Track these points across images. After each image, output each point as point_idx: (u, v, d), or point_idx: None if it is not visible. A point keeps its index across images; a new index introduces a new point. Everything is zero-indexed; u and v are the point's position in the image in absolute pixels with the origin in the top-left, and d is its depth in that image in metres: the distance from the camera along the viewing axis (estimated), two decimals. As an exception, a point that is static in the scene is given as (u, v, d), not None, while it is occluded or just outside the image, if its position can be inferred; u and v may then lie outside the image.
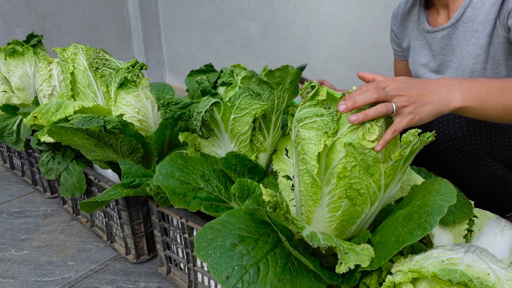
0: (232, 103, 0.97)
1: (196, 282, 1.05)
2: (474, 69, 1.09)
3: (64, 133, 1.09)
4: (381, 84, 0.71)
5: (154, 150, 1.21)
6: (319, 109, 0.70)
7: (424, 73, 1.24)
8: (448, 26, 1.12)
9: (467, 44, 1.09)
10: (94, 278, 1.16)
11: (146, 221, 1.20)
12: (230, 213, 0.74)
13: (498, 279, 0.54)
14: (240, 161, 1.00)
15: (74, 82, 1.35)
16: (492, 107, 0.76)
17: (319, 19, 2.38)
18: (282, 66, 0.93)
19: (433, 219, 0.61)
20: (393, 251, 0.62)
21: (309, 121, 0.71)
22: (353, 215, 0.73)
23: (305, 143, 0.71)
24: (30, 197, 1.67)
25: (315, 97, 0.71)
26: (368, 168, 0.66)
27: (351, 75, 2.34)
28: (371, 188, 0.69)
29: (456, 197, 0.65)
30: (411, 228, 0.63)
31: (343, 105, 0.66)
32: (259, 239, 0.68)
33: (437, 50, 1.18)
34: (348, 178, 0.67)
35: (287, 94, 1.00)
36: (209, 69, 1.29)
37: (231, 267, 0.62)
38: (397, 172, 0.70)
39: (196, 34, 3.18)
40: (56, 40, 2.90)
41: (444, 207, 0.63)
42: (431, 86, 0.74)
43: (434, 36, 1.17)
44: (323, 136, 0.68)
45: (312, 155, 0.69)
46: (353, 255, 0.65)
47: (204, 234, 0.67)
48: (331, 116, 0.68)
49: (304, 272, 0.66)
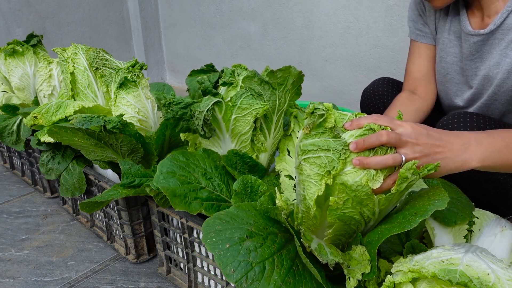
0: (233, 103, 0.97)
1: (196, 282, 1.05)
2: (504, 84, 1.01)
3: (64, 133, 1.09)
4: (395, 122, 0.67)
5: (154, 150, 1.21)
6: (326, 140, 0.65)
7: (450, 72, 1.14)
8: (485, 33, 1.02)
9: (501, 54, 1.00)
10: (94, 278, 1.16)
11: (146, 221, 1.20)
12: (239, 206, 0.74)
13: (498, 279, 0.54)
14: (241, 159, 1.00)
15: (74, 82, 1.35)
16: (510, 163, 0.73)
17: (319, 19, 2.38)
18: (284, 66, 0.93)
19: (414, 220, 0.62)
20: (375, 246, 0.63)
21: (312, 155, 0.66)
22: (348, 231, 0.72)
23: (306, 179, 0.68)
24: (30, 197, 1.67)
25: (322, 124, 0.66)
26: (362, 202, 0.65)
27: (351, 75, 2.35)
28: (366, 214, 0.68)
29: (447, 204, 0.65)
30: (392, 226, 0.64)
31: (353, 144, 0.63)
32: (267, 238, 0.68)
33: (466, 54, 1.08)
34: (341, 209, 0.66)
35: (289, 95, 1.00)
36: (210, 69, 1.29)
37: (238, 261, 0.61)
38: (392, 201, 0.68)
39: (196, 34, 3.18)
40: (56, 40, 2.89)
41: (430, 211, 0.63)
42: (448, 140, 0.69)
43: (467, 39, 1.07)
44: (325, 176, 0.64)
45: (311, 195, 0.67)
46: (355, 264, 0.65)
47: (212, 223, 0.67)
48: (337, 153, 0.64)
49: (307, 278, 0.66)
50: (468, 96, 1.14)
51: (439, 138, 0.69)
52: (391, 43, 2.12)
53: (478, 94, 1.11)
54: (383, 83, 1.33)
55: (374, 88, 1.33)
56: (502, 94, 1.04)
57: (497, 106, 1.08)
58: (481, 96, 1.10)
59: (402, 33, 2.07)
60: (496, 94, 1.06)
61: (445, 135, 0.70)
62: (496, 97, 1.06)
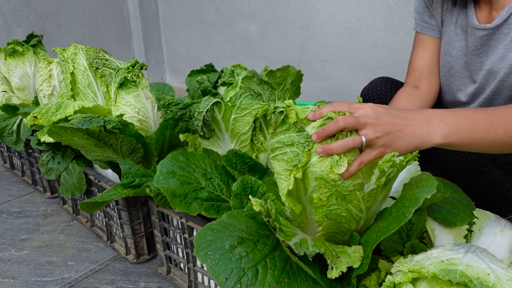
0: (233, 103, 0.97)
1: (196, 282, 1.05)
2: (507, 78, 1.00)
3: (64, 133, 1.09)
4: (354, 106, 0.67)
5: (154, 150, 1.21)
6: (290, 135, 0.67)
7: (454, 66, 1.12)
8: (491, 28, 1.00)
9: (505, 48, 0.98)
10: (94, 278, 1.16)
11: (146, 221, 1.20)
12: (231, 214, 0.74)
13: (498, 279, 0.54)
14: (241, 159, 1.00)
15: (74, 82, 1.35)
16: (478, 142, 0.71)
17: (319, 19, 2.38)
18: (283, 66, 0.93)
19: (408, 211, 0.62)
20: (372, 245, 0.63)
21: (279, 152, 0.68)
22: (341, 229, 0.72)
23: (277, 176, 0.70)
24: (30, 197, 1.67)
25: (285, 120, 0.68)
26: (345, 197, 0.65)
27: (351, 75, 2.35)
28: (353, 211, 0.68)
29: (435, 188, 0.65)
30: (389, 222, 0.64)
31: (315, 135, 0.64)
32: (258, 241, 0.68)
33: (471, 48, 1.07)
34: (326, 207, 0.66)
35: (288, 94, 1.00)
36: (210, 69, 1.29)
37: (230, 269, 0.61)
38: (377, 196, 0.68)
39: (196, 34, 3.18)
40: (56, 40, 2.89)
41: (421, 199, 0.63)
42: (409, 117, 0.69)
43: (473, 33, 1.05)
44: (293, 170, 0.65)
45: (282, 190, 0.68)
46: (345, 258, 0.65)
47: (204, 235, 0.67)
48: (301, 147, 0.65)
49: (303, 275, 0.66)
50: (472, 91, 1.13)
51: (401, 116, 0.68)
52: (391, 43, 2.12)
53: (481, 89, 1.10)
54: (381, 82, 1.33)
55: (373, 88, 1.33)
56: (505, 89, 1.04)
57: (499, 102, 1.08)
58: (484, 91, 1.10)
59: (402, 33, 2.07)
60: (499, 89, 1.05)
61: (407, 113, 0.69)
62: (499, 91, 1.06)
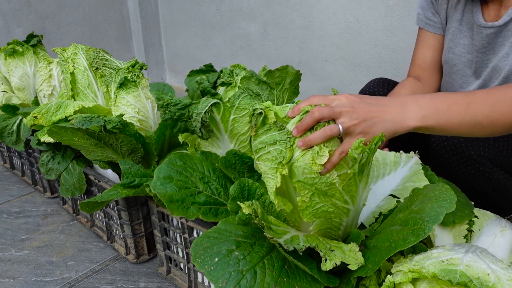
0: (231, 104, 0.97)
1: (196, 282, 1.05)
2: (511, 76, 0.99)
3: (64, 133, 1.09)
4: (329, 98, 0.68)
5: (154, 150, 1.21)
6: (272, 135, 0.68)
7: (457, 63, 1.12)
8: (499, 25, 1.00)
9: (510, 46, 0.99)
10: (94, 278, 1.16)
11: (146, 221, 1.20)
12: (226, 220, 0.74)
13: (498, 279, 0.54)
14: (240, 159, 1.00)
15: (74, 82, 1.35)
16: (456, 124, 0.71)
17: (319, 19, 2.38)
18: (282, 66, 0.93)
19: (427, 226, 0.61)
20: (385, 256, 0.62)
21: (263, 152, 0.70)
22: (333, 224, 0.73)
23: (265, 176, 0.71)
24: (30, 197, 1.67)
25: (265, 121, 0.69)
26: (326, 193, 0.66)
27: (351, 75, 2.34)
28: (338, 204, 0.68)
29: (455, 204, 0.64)
30: (405, 234, 0.63)
31: (294, 130, 0.65)
32: (255, 244, 0.68)
33: (477, 46, 1.06)
34: (311, 207, 0.67)
35: (287, 94, 1.00)
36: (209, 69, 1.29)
37: (228, 273, 0.61)
38: (357, 184, 0.69)
39: (196, 34, 3.18)
40: (56, 40, 2.89)
41: (441, 215, 0.62)
42: (384, 103, 0.70)
43: (479, 31, 1.05)
44: (279, 167, 0.67)
45: (270, 189, 0.69)
46: (340, 253, 0.65)
47: (200, 243, 0.67)
48: (284, 143, 0.66)
49: (301, 274, 0.66)
50: (474, 88, 1.12)
51: (376, 104, 0.69)
52: (391, 43, 2.12)
53: (484, 86, 1.09)
54: (379, 83, 1.33)
55: (370, 89, 1.33)
56: None
57: None
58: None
59: (402, 33, 2.06)
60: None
61: (382, 100, 0.71)
62: None
